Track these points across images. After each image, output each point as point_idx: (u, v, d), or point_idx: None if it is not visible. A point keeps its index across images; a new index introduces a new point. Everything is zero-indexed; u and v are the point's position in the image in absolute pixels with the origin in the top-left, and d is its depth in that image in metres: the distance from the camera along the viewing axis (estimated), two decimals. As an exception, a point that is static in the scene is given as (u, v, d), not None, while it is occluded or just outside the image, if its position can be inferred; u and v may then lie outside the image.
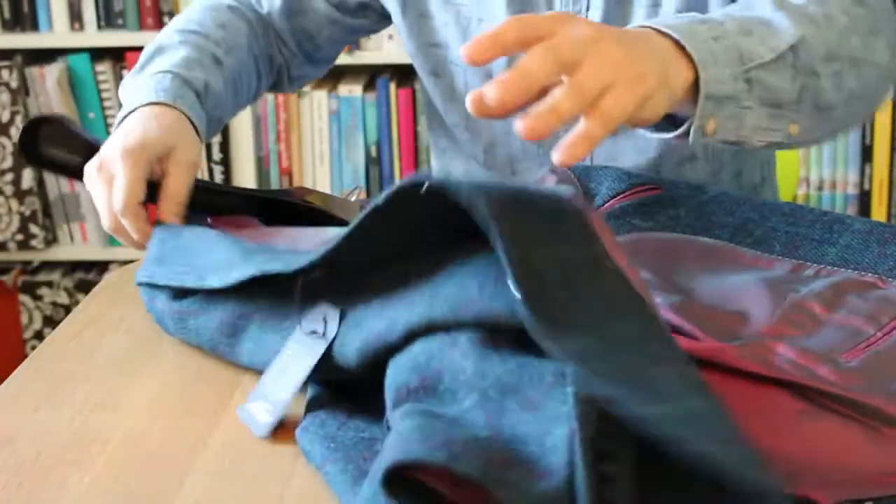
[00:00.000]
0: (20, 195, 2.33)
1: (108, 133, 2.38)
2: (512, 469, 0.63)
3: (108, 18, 2.31)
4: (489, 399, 0.69)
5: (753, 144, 0.93)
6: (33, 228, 2.34)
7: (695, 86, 0.85)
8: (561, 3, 1.21)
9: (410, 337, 0.75)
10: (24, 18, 2.32)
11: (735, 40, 0.89)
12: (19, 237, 2.35)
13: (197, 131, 1.10)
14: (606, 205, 1.06)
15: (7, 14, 2.31)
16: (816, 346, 0.87)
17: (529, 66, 0.75)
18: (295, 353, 0.82)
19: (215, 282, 0.87)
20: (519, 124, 0.76)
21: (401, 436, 0.65)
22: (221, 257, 0.91)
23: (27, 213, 2.34)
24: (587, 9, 1.20)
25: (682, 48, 0.85)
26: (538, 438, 0.65)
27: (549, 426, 0.66)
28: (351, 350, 0.79)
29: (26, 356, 0.95)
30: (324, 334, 0.81)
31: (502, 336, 0.71)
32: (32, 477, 0.76)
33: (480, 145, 1.29)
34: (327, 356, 0.80)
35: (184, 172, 1.04)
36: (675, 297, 0.92)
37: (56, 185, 2.34)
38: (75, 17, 2.31)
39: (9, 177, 2.32)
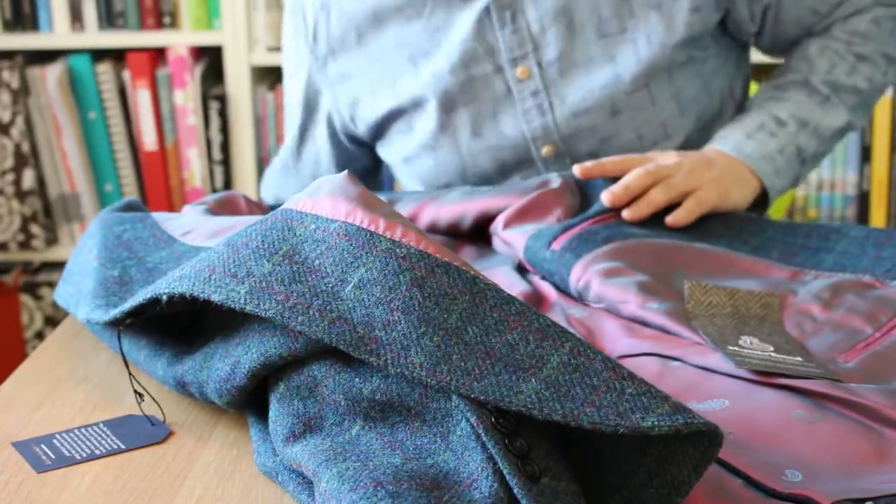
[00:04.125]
0: (21, 195, 2.33)
1: (108, 133, 2.38)
2: (443, 489, 0.63)
3: (108, 19, 2.31)
4: (373, 420, 0.69)
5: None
6: (34, 229, 2.34)
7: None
8: (505, 48, 1.21)
9: (253, 377, 0.75)
10: (25, 18, 2.32)
11: (795, 142, 1.20)
12: (20, 237, 2.35)
13: None
14: (605, 214, 1.07)
15: (8, 14, 2.31)
16: (816, 347, 0.87)
17: (656, 198, 1.10)
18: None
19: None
20: (626, 212, 1.08)
21: (329, 493, 0.64)
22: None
23: (28, 213, 2.34)
24: (534, 49, 1.20)
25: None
26: (443, 444, 0.66)
27: (446, 426, 0.66)
28: (210, 391, 0.79)
29: (27, 356, 0.95)
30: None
31: (348, 356, 0.71)
32: (32, 477, 0.76)
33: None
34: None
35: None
36: (670, 302, 0.92)
37: (57, 185, 2.34)
38: (76, 17, 2.31)
39: (10, 177, 2.32)
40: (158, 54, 2.33)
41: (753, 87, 1.53)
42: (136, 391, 0.83)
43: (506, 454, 0.62)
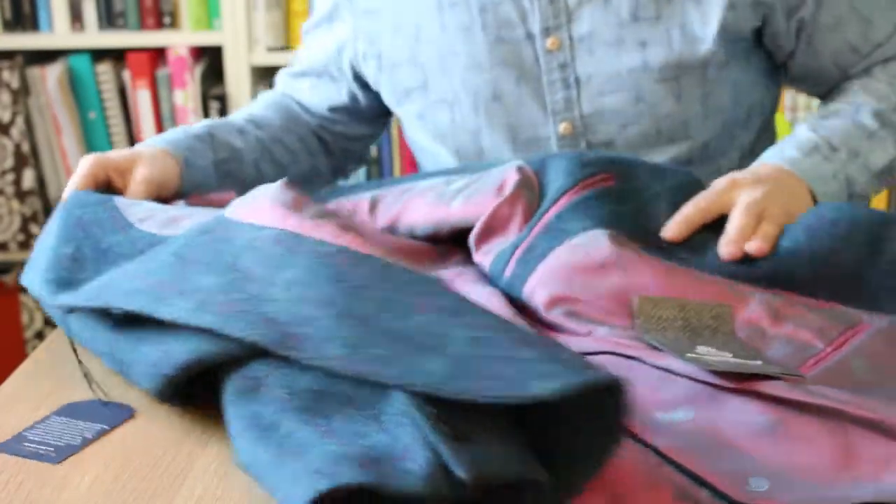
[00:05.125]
0: (21, 195, 2.33)
1: (108, 133, 2.38)
2: (380, 464, 0.63)
3: (108, 19, 2.31)
4: (310, 412, 0.70)
5: None
6: (34, 229, 2.34)
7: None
8: (540, 17, 1.21)
9: (184, 370, 0.77)
10: (25, 19, 2.32)
11: (846, 171, 1.15)
12: (20, 237, 2.35)
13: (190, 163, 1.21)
14: (555, 206, 1.03)
15: (8, 14, 2.31)
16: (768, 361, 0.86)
17: (744, 226, 1.02)
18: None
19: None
20: (751, 247, 1.00)
21: (276, 490, 0.66)
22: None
23: (28, 213, 2.34)
24: (568, 21, 1.20)
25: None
26: (376, 426, 0.66)
27: (378, 409, 0.67)
28: (136, 374, 0.81)
29: (27, 356, 0.95)
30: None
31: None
32: (32, 477, 0.76)
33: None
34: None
35: (138, 185, 1.14)
36: (617, 327, 0.90)
37: (57, 185, 2.34)
38: (76, 17, 2.31)
39: (10, 177, 2.32)
40: (158, 54, 2.33)
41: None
42: (85, 374, 0.87)
43: (435, 423, 0.63)
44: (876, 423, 0.74)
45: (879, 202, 2.32)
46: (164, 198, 1.15)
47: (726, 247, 1.00)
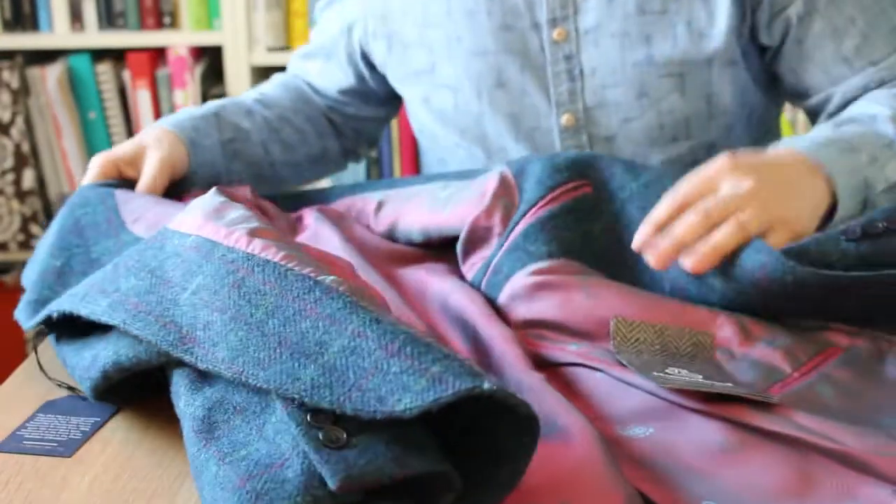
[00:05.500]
0: (21, 195, 2.33)
1: (108, 133, 2.37)
2: (254, 477, 0.64)
3: (108, 19, 2.31)
4: (201, 422, 0.71)
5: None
6: (34, 229, 2.34)
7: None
8: (547, 7, 1.21)
9: (105, 375, 0.80)
10: (25, 19, 2.32)
11: (864, 173, 1.03)
12: (20, 237, 2.35)
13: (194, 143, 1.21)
14: (523, 220, 1.01)
15: (8, 14, 2.31)
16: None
17: (685, 232, 0.91)
18: None
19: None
20: (687, 262, 0.90)
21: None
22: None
23: (28, 213, 2.34)
24: (575, 13, 1.20)
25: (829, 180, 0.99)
26: (257, 435, 0.67)
27: (262, 417, 0.68)
28: (77, 377, 0.85)
29: (27, 356, 0.95)
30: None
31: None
32: (32, 477, 0.76)
33: (479, 163, 1.30)
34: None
35: (153, 169, 1.14)
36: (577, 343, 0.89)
37: (57, 185, 2.34)
38: (76, 17, 2.31)
39: (10, 177, 2.32)
40: (158, 54, 2.33)
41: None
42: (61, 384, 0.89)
43: (307, 429, 0.63)
44: (837, 454, 0.72)
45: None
46: (177, 178, 1.16)
47: (651, 257, 0.92)
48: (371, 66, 1.35)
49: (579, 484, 0.68)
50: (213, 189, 0.88)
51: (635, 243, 0.93)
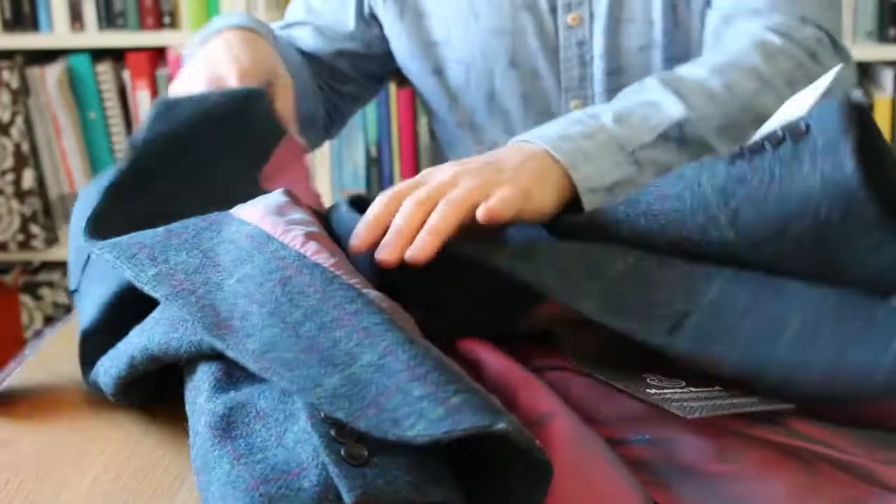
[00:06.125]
0: (21, 195, 2.33)
1: (108, 133, 2.37)
2: (269, 481, 0.63)
3: (108, 19, 2.31)
4: (221, 419, 0.70)
5: None
6: (34, 228, 2.34)
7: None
8: None
9: (132, 366, 0.80)
10: (25, 18, 2.32)
11: (610, 132, 0.96)
12: (20, 237, 2.35)
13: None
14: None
15: (8, 14, 2.31)
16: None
17: (439, 224, 0.84)
18: None
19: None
20: (410, 254, 0.83)
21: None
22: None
23: (28, 213, 2.34)
24: (590, 12, 1.21)
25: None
26: (276, 441, 0.67)
27: (284, 426, 0.68)
28: (101, 375, 0.84)
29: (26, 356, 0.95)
30: None
31: (233, 366, 0.74)
32: (32, 477, 0.76)
33: (485, 144, 1.30)
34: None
35: (286, 94, 1.09)
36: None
37: (57, 185, 2.34)
38: (76, 17, 2.31)
39: (9, 177, 2.32)
40: (158, 54, 2.33)
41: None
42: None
43: (329, 442, 0.62)
44: (844, 464, 0.71)
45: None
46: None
47: (380, 253, 0.84)
48: (374, 30, 1.33)
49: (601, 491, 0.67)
50: (281, 189, 0.87)
51: (356, 243, 0.86)
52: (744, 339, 0.76)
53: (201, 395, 0.74)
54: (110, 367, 0.82)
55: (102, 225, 0.90)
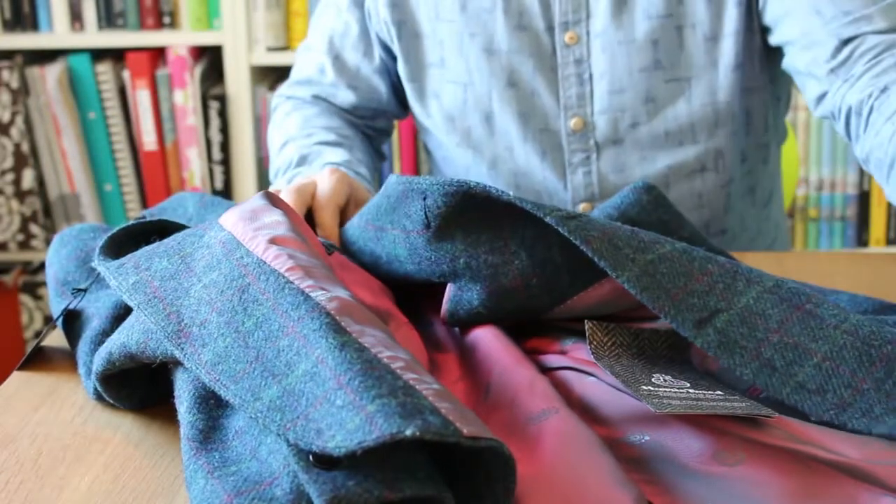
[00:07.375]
0: (21, 195, 2.33)
1: (108, 133, 2.37)
2: (242, 493, 0.64)
3: (108, 19, 2.31)
4: (199, 432, 0.71)
5: None
6: (34, 228, 2.34)
7: None
8: (559, 10, 1.21)
9: (111, 362, 0.81)
10: (25, 18, 2.32)
11: None
12: (20, 237, 2.35)
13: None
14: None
15: (7, 14, 2.31)
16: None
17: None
18: None
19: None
20: None
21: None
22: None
23: (28, 213, 2.34)
24: (587, 17, 1.21)
25: None
26: (250, 454, 0.67)
27: (259, 438, 0.68)
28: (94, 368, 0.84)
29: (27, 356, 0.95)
30: None
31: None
32: (32, 477, 0.76)
33: (484, 163, 1.30)
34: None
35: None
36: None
37: (56, 185, 2.34)
38: (76, 17, 2.31)
39: (9, 177, 2.32)
40: (158, 54, 2.33)
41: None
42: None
43: (297, 448, 0.62)
44: (839, 465, 0.71)
45: (880, 202, 2.32)
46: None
47: None
48: (392, 57, 1.34)
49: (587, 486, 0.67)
50: (260, 193, 0.87)
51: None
52: (765, 357, 0.76)
53: (182, 405, 0.75)
54: (90, 363, 0.84)
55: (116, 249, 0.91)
